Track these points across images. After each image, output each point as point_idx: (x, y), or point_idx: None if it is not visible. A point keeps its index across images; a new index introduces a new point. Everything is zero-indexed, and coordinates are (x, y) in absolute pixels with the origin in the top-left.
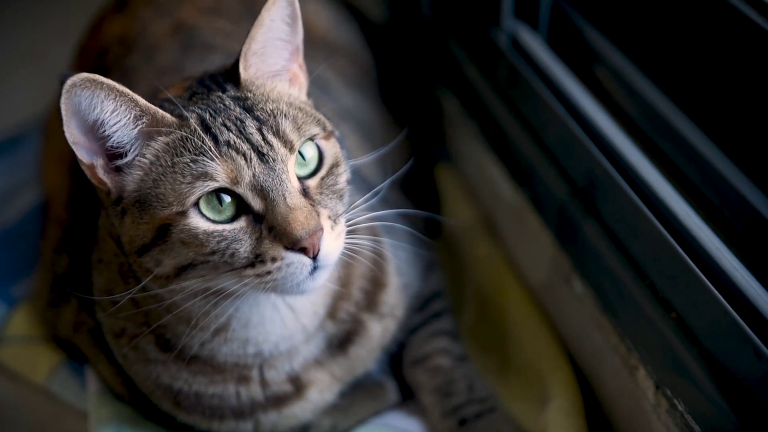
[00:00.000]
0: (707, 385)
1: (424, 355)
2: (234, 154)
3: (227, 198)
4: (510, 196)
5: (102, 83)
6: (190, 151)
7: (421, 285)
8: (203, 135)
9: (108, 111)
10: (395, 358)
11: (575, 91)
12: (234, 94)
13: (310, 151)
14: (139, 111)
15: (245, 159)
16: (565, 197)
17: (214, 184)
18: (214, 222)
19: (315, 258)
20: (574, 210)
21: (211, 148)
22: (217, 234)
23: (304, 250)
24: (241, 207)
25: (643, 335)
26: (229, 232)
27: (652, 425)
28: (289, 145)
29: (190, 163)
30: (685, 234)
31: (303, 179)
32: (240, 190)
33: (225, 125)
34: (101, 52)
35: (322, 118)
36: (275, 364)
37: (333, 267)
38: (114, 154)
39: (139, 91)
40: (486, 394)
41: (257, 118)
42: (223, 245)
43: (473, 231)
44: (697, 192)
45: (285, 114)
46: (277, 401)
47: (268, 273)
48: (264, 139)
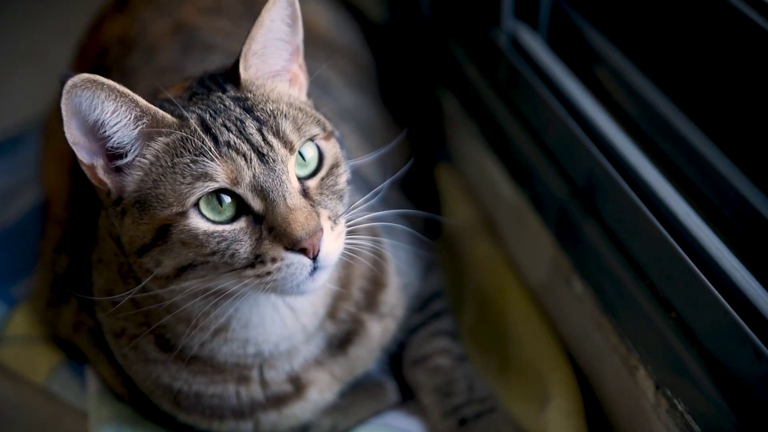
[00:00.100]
0: (707, 385)
1: (424, 355)
2: (234, 154)
3: (227, 198)
4: (510, 196)
5: (102, 84)
6: (190, 152)
7: (421, 285)
8: (203, 135)
9: (108, 111)
10: (395, 358)
11: (575, 91)
12: (234, 94)
13: (310, 152)
14: (140, 111)
15: (245, 159)
16: (565, 197)
17: (214, 185)
18: (214, 222)
19: (315, 258)
20: (574, 210)
21: (211, 148)
22: (217, 234)
23: (304, 251)
24: (241, 207)
25: (643, 335)
26: (229, 232)
27: (652, 425)
28: (289, 145)
29: (190, 164)
30: (685, 234)
31: (303, 180)
32: (240, 190)
33: (225, 126)
34: (101, 52)
35: (322, 119)
36: (275, 364)
37: (333, 267)
38: (114, 155)
39: (139, 91)
40: (486, 394)
41: (257, 119)
42: (223, 246)
43: (473, 231)
44: (697, 192)
45: (285, 114)
46: (277, 401)
47: (268, 273)
48: (264, 139)
